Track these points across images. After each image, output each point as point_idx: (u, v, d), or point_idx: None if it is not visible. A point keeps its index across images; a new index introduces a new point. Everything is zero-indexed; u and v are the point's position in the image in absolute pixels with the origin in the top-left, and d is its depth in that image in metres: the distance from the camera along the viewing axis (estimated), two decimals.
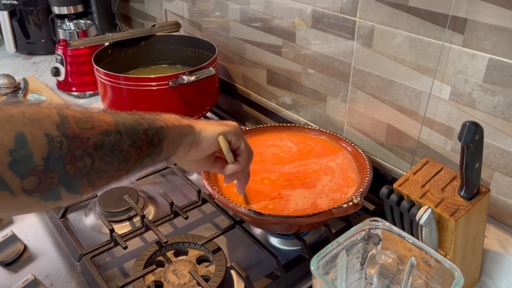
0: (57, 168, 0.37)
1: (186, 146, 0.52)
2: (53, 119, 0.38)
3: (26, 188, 0.36)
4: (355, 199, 0.65)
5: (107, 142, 0.41)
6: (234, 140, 0.57)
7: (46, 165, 0.37)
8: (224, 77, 1.17)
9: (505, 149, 0.64)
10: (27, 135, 0.36)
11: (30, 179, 0.36)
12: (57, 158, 0.37)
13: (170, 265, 0.67)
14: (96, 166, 0.40)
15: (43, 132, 0.37)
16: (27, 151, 0.35)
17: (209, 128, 0.54)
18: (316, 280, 0.47)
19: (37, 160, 0.36)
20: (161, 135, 0.48)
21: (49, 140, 0.37)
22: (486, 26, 0.60)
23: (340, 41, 0.81)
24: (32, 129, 0.36)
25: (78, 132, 0.39)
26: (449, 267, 0.46)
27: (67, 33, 1.21)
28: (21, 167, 0.35)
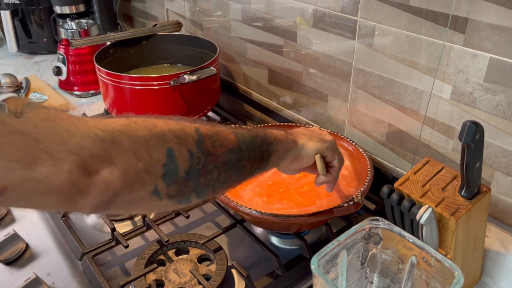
0: (193, 180, 0.43)
1: (289, 159, 0.56)
2: (193, 136, 0.43)
3: (170, 194, 0.42)
4: (356, 198, 0.65)
5: (232, 158, 0.47)
6: (329, 156, 0.61)
7: (186, 176, 0.42)
8: (226, 76, 1.17)
9: (506, 149, 0.64)
10: (175, 151, 0.41)
11: (173, 187, 0.42)
12: (195, 171, 0.43)
13: (171, 264, 0.67)
14: (220, 178, 0.46)
15: (186, 148, 0.42)
16: (174, 165, 0.41)
17: (309, 144, 0.58)
18: (317, 279, 0.47)
19: (181, 172, 0.42)
20: (270, 151, 0.52)
21: (190, 156, 0.43)
22: (487, 26, 0.60)
23: (341, 40, 0.81)
24: (179, 145, 0.42)
25: (211, 149, 0.45)
26: (449, 266, 0.46)
27: (69, 33, 1.22)
28: (170, 178, 0.41)
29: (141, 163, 0.39)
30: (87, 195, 0.37)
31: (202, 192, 0.45)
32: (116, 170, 0.38)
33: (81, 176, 0.35)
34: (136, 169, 0.39)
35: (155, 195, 0.41)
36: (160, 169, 0.40)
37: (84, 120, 0.38)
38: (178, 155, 0.41)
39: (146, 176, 0.40)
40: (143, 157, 0.39)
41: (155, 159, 0.40)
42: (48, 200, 0.36)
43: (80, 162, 0.35)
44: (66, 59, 1.21)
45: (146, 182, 0.40)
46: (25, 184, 0.33)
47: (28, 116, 0.34)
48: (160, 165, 0.40)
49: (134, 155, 0.39)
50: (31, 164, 0.33)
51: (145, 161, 0.39)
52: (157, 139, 0.40)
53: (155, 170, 0.40)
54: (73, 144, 0.35)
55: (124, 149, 0.38)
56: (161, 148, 0.40)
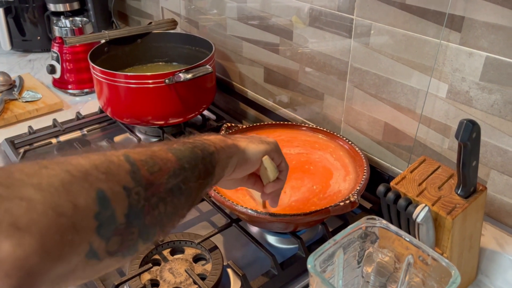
0: (137, 222, 0.35)
1: (231, 167, 0.50)
2: (124, 167, 0.35)
3: (110, 250, 0.33)
4: (352, 197, 0.65)
5: (177, 183, 0.39)
6: (276, 158, 0.56)
7: (127, 221, 0.34)
8: (221, 75, 1.16)
9: (502, 148, 0.64)
10: (106, 192, 0.32)
11: (114, 240, 0.33)
12: (137, 211, 0.35)
13: (166, 263, 0.67)
14: (168, 211, 0.38)
15: (120, 185, 0.34)
16: (110, 210, 0.32)
17: (252, 146, 0.52)
18: (313, 278, 0.47)
19: (120, 218, 0.33)
20: (214, 161, 0.45)
21: (127, 193, 0.34)
22: (483, 24, 0.60)
23: (337, 39, 0.81)
24: (109, 183, 0.33)
25: (150, 178, 0.36)
26: (446, 265, 0.46)
27: (63, 31, 1.21)
28: (107, 230, 0.32)
29: (64, 218, 0.29)
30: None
31: (150, 235, 0.37)
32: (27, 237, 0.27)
33: None
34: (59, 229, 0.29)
35: (92, 258, 0.32)
36: (92, 221, 0.31)
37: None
38: (111, 196, 0.32)
39: (74, 236, 0.30)
40: (65, 210, 0.29)
41: (83, 209, 0.31)
42: None
43: None
44: (60, 57, 1.20)
45: (76, 244, 0.30)
46: None
47: None
48: (92, 216, 0.31)
49: (52, 210, 0.29)
50: None
51: (69, 216, 0.30)
52: (80, 182, 0.31)
53: (85, 224, 0.31)
54: None
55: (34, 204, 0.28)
56: (87, 192, 0.31)
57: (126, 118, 0.97)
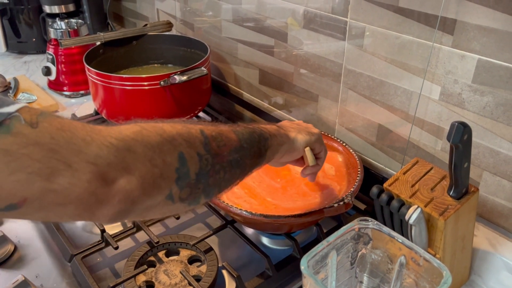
0: (203, 181, 0.44)
1: (281, 153, 0.58)
2: (199, 139, 0.44)
3: (182, 197, 0.43)
4: (346, 198, 0.65)
5: (236, 157, 0.48)
6: (317, 148, 0.64)
7: (197, 178, 0.43)
8: (217, 76, 1.16)
9: (493, 149, 0.65)
10: (185, 154, 0.42)
11: (185, 190, 0.43)
12: (205, 173, 0.44)
13: (161, 265, 0.67)
14: (226, 177, 0.47)
15: (195, 151, 0.43)
16: (186, 168, 0.42)
17: (300, 137, 0.60)
18: (306, 279, 0.47)
19: (192, 175, 0.43)
20: (267, 146, 0.54)
21: (200, 158, 0.43)
22: (475, 27, 0.61)
23: (331, 41, 0.82)
24: (188, 149, 0.42)
25: (217, 150, 0.45)
26: (438, 266, 0.47)
27: (58, 32, 1.21)
28: (182, 182, 0.42)
29: (157, 169, 0.39)
30: (106, 205, 0.37)
31: (210, 193, 0.46)
32: (134, 178, 0.38)
33: (99, 186, 0.35)
34: (153, 175, 0.39)
35: (169, 199, 0.42)
36: (173, 173, 0.41)
37: (98, 129, 0.37)
38: (188, 158, 0.42)
39: (161, 181, 0.40)
40: (158, 163, 0.40)
41: (169, 164, 0.41)
42: (67, 211, 0.35)
43: (98, 172, 0.35)
44: (55, 59, 1.20)
45: (161, 187, 0.40)
46: (44, 196, 0.33)
47: (43, 126, 0.34)
48: (173, 169, 0.41)
49: (149, 162, 0.39)
50: (50, 175, 0.33)
51: (160, 167, 0.40)
52: (168, 144, 0.41)
53: (169, 175, 0.41)
54: (90, 154, 0.35)
55: (139, 156, 0.38)
56: (172, 153, 0.41)
57: (122, 120, 0.97)
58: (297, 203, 0.72)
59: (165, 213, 0.45)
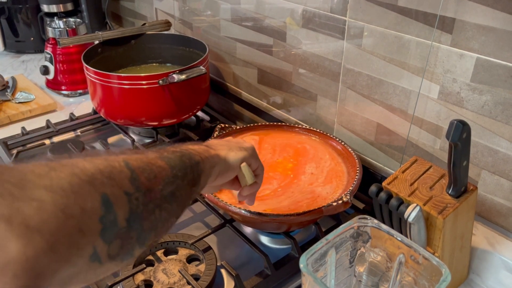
0: (136, 226, 0.36)
1: (214, 175, 0.51)
2: (125, 173, 0.36)
3: (111, 253, 0.34)
4: (345, 197, 0.65)
5: (171, 190, 0.40)
6: (253, 163, 0.58)
7: (128, 225, 0.35)
8: (215, 76, 1.16)
9: (492, 148, 0.65)
10: (110, 196, 0.33)
11: (115, 244, 0.34)
12: (136, 215, 0.36)
13: (160, 264, 0.67)
14: (162, 217, 0.39)
15: (122, 190, 0.35)
16: (113, 214, 0.33)
17: (231, 154, 0.54)
18: (305, 277, 0.47)
19: (121, 222, 0.34)
20: (200, 171, 0.47)
21: (128, 198, 0.35)
22: (474, 26, 0.61)
23: (330, 40, 0.82)
24: (113, 189, 0.34)
25: (148, 184, 0.38)
26: (437, 264, 0.47)
27: (57, 32, 1.20)
28: (110, 233, 0.33)
29: (73, 220, 0.30)
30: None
31: (146, 239, 0.38)
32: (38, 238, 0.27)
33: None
34: (67, 231, 0.30)
35: (95, 261, 0.32)
36: (97, 224, 0.32)
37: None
38: (114, 200, 0.33)
39: (80, 238, 0.31)
40: (74, 212, 0.30)
41: (89, 212, 0.32)
42: None
43: None
44: (53, 58, 1.19)
45: (82, 246, 0.31)
46: None
47: None
48: (96, 219, 0.32)
49: (61, 212, 0.29)
50: None
51: (77, 218, 0.30)
52: (86, 186, 0.32)
53: (91, 227, 0.32)
54: None
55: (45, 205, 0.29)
56: (93, 196, 0.32)
57: (120, 119, 0.97)
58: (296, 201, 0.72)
59: (90, 279, 0.34)
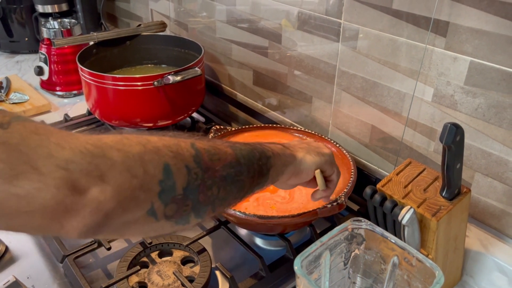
0: (192, 197, 0.40)
1: (287, 174, 0.54)
2: (189, 151, 0.41)
3: (167, 214, 0.39)
4: (339, 199, 0.65)
5: (231, 173, 0.44)
6: (328, 170, 0.59)
7: (184, 194, 0.39)
8: (210, 77, 1.16)
9: (485, 150, 0.65)
10: (171, 166, 0.38)
11: (171, 207, 0.39)
12: (193, 188, 0.40)
13: (154, 266, 0.67)
14: (220, 195, 0.43)
15: (184, 163, 0.40)
16: (172, 181, 0.38)
17: (308, 158, 0.56)
18: (300, 279, 0.47)
19: (179, 189, 0.39)
20: (269, 165, 0.50)
21: (188, 171, 0.40)
22: (467, 30, 0.62)
23: (325, 43, 0.82)
24: (175, 161, 0.39)
25: (209, 164, 0.42)
26: (430, 266, 0.47)
27: (51, 32, 1.20)
28: (167, 196, 0.38)
29: (136, 179, 0.36)
30: (76, 216, 0.33)
31: (201, 211, 0.42)
32: (109, 188, 0.34)
33: (68, 194, 0.32)
34: (130, 186, 0.36)
35: (151, 216, 0.38)
36: (156, 186, 0.37)
37: (75, 135, 0.35)
38: (175, 170, 0.39)
39: (141, 194, 0.36)
40: (138, 173, 0.36)
41: (151, 175, 0.37)
42: (32, 221, 0.32)
43: (68, 178, 0.32)
44: (48, 58, 1.19)
45: (141, 201, 0.37)
46: (5, 201, 0.31)
47: (15, 128, 0.31)
48: (156, 182, 0.37)
49: (127, 171, 0.35)
50: (13, 178, 0.30)
51: (140, 178, 0.36)
52: (152, 154, 0.38)
53: (150, 187, 0.37)
54: (61, 158, 0.32)
55: (116, 164, 0.35)
56: (157, 163, 0.38)
57: (115, 120, 0.97)
58: (290, 204, 0.72)
59: (148, 231, 0.40)
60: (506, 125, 0.62)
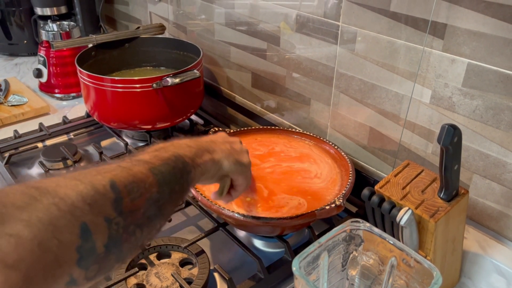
0: (115, 250, 0.37)
1: (203, 181, 0.53)
2: (109, 196, 0.37)
3: (89, 277, 0.35)
4: (338, 201, 0.65)
5: (154, 209, 0.41)
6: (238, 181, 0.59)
7: (106, 250, 0.36)
8: (209, 79, 1.17)
9: (483, 152, 0.65)
10: (89, 225, 0.34)
11: (93, 268, 0.35)
12: (116, 240, 0.37)
13: (152, 268, 0.67)
14: (144, 234, 0.40)
15: (102, 217, 0.36)
16: (91, 242, 0.34)
17: (225, 163, 0.55)
18: (298, 280, 0.47)
19: (99, 248, 0.35)
20: (189, 180, 0.48)
21: (108, 224, 0.36)
22: (465, 32, 0.62)
23: (324, 45, 0.82)
24: (92, 216, 0.35)
25: (130, 206, 0.38)
26: (428, 267, 0.47)
27: (50, 35, 1.20)
28: (87, 261, 0.34)
29: (49, 254, 0.31)
30: None
31: (126, 257, 0.39)
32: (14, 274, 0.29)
33: None
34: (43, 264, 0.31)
35: (72, 285, 0.34)
36: (74, 254, 0.33)
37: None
38: (93, 228, 0.34)
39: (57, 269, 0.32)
40: (51, 246, 0.31)
41: (67, 244, 0.32)
42: None
43: None
44: (47, 61, 1.19)
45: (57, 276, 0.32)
46: None
47: None
48: (73, 249, 0.33)
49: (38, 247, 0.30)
50: None
51: (54, 251, 0.31)
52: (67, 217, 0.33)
53: (67, 258, 0.32)
54: None
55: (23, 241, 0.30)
56: (72, 227, 0.33)
57: (113, 122, 0.97)
58: None
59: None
60: (504, 127, 0.62)
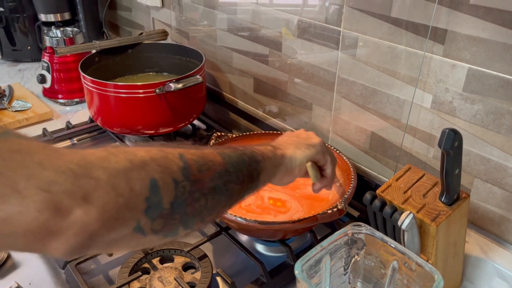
0: (180, 211, 0.40)
1: (280, 175, 0.55)
2: (177, 164, 0.40)
3: (154, 229, 0.39)
4: (340, 205, 0.66)
5: (220, 183, 0.44)
6: (320, 160, 0.60)
7: (171, 208, 0.39)
8: (211, 85, 1.17)
9: (484, 156, 0.66)
10: (158, 181, 0.38)
11: (158, 221, 0.38)
12: (181, 201, 0.40)
13: (155, 272, 0.67)
14: (208, 205, 0.43)
15: (171, 177, 0.39)
16: (158, 197, 0.38)
17: (298, 153, 0.57)
18: (300, 283, 0.48)
19: (166, 204, 0.38)
20: (259, 169, 0.50)
21: (175, 185, 0.39)
22: (465, 37, 0.62)
23: (325, 50, 0.83)
24: (162, 175, 0.38)
25: (198, 175, 0.42)
26: (430, 270, 0.47)
27: (54, 41, 1.21)
28: (153, 212, 0.38)
29: (121, 198, 0.35)
30: (59, 238, 0.33)
31: (190, 223, 0.42)
32: (93, 209, 0.33)
33: (51, 217, 0.31)
34: (116, 206, 0.35)
35: (138, 232, 0.38)
36: (143, 203, 0.37)
37: (60, 152, 0.34)
38: (162, 185, 0.38)
39: (126, 212, 0.36)
40: (123, 191, 0.35)
41: (137, 193, 0.37)
42: (14, 242, 0.32)
43: (50, 200, 0.31)
44: (50, 67, 1.20)
45: (127, 219, 0.36)
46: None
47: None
48: (143, 199, 0.37)
49: (112, 190, 0.35)
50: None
51: (126, 196, 0.36)
52: (138, 170, 0.37)
53: (136, 205, 0.37)
54: (43, 180, 0.31)
55: (101, 184, 0.34)
56: (143, 179, 0.37)
57: (116, 127, 0.98)
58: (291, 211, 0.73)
59: (135, 246, 0.40)
60: (505, 131, 0.62)
